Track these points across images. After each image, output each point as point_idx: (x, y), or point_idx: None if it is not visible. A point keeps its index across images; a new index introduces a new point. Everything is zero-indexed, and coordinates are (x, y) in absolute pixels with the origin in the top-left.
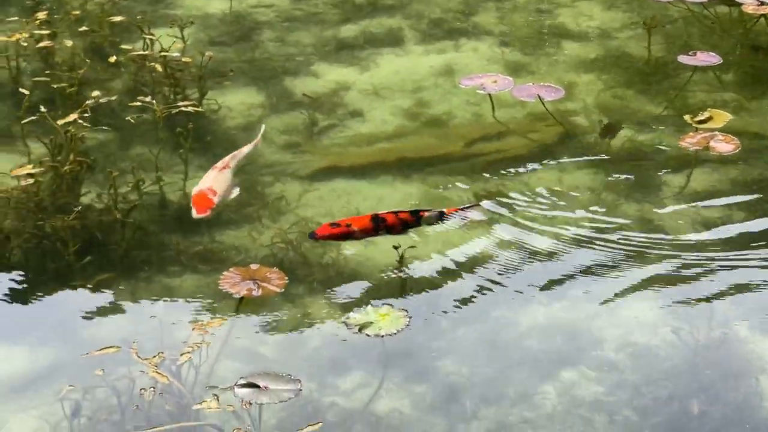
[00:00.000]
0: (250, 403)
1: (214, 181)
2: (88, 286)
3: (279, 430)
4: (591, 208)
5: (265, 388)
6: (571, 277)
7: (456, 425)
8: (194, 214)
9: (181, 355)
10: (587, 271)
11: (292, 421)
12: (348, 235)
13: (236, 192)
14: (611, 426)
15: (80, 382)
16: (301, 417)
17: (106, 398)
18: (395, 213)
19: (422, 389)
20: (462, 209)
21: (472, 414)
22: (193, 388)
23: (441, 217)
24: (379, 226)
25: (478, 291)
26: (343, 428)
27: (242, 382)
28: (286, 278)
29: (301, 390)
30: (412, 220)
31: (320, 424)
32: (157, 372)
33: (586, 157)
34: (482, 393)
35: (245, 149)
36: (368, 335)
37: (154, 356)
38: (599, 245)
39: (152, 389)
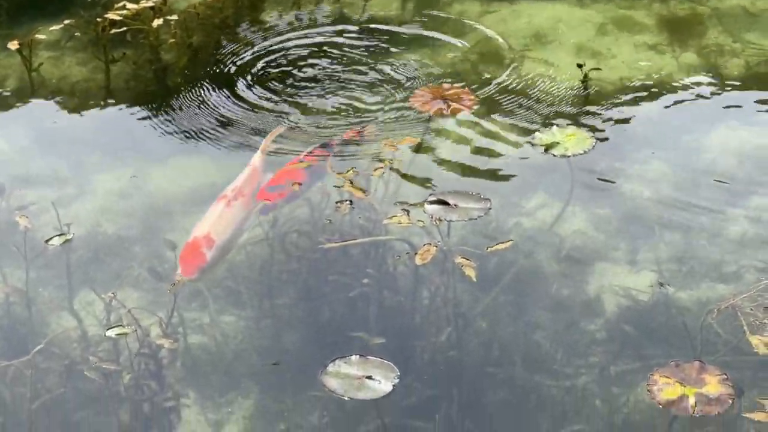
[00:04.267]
0: (440, 220)
1: (216, 224)
2: (274, 100)
3: (467, 247)
4: None
5: (455, 205)
6: (765, 102)
7: (639, 248)
8: (180, 274)
9: (373, 171)
10: None
11: (479, 239)
12: (299, 194)
13: (248, 226)
14: None
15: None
16: (487, 236)
17: (299, 210)
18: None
19: (607, 211)
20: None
21: (659, 237)
22: (382, 204)
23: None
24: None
25: (666, 115)
26: (528, 248)
27: (432, 198)
28: (477, 99)
29: (490, 209)
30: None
31: (511, 242)
32: (350, 186)
33: None
34: (668, 217)
35: (257, 160)
36: (554, 155)
37: (347, 171)
38: None
39: (344, 203)
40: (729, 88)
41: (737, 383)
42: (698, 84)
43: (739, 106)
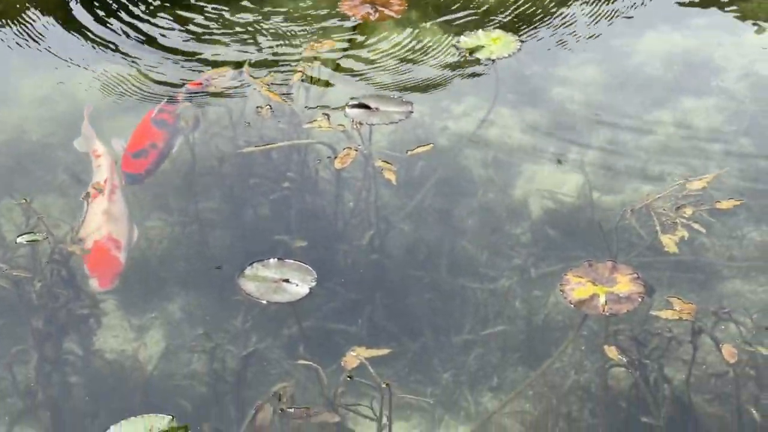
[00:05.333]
0: (361, 123)
1: (111, 221)
2: (200, 6)
3: (389, 150)
4: None
5: (376, 109)
6: (697, 5)
7: (568, 148)
8: (96, 286)
9: (293, 74)
10: None
11: (403, 142)
12: (165, 154)
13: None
14: (726, 156)
15: (193, 100)
16: (412, 139)
17: (219, 115)
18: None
19: (534, 115)
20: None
21: (585, 141)
22: (303, 108)
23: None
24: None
25: (596, 19)
26: (453, 151)
27: (353, 102)
28: (406, 4)
29: (412, 112)
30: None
31: (431, 145)
32: (269, 91)
33: None
34: (596, 120)
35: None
36: (479, 59)
37: (266, 75)
38: None
39: (264, 107)
40: None
41: (648, 282)
42: None
43: (669, 11)
